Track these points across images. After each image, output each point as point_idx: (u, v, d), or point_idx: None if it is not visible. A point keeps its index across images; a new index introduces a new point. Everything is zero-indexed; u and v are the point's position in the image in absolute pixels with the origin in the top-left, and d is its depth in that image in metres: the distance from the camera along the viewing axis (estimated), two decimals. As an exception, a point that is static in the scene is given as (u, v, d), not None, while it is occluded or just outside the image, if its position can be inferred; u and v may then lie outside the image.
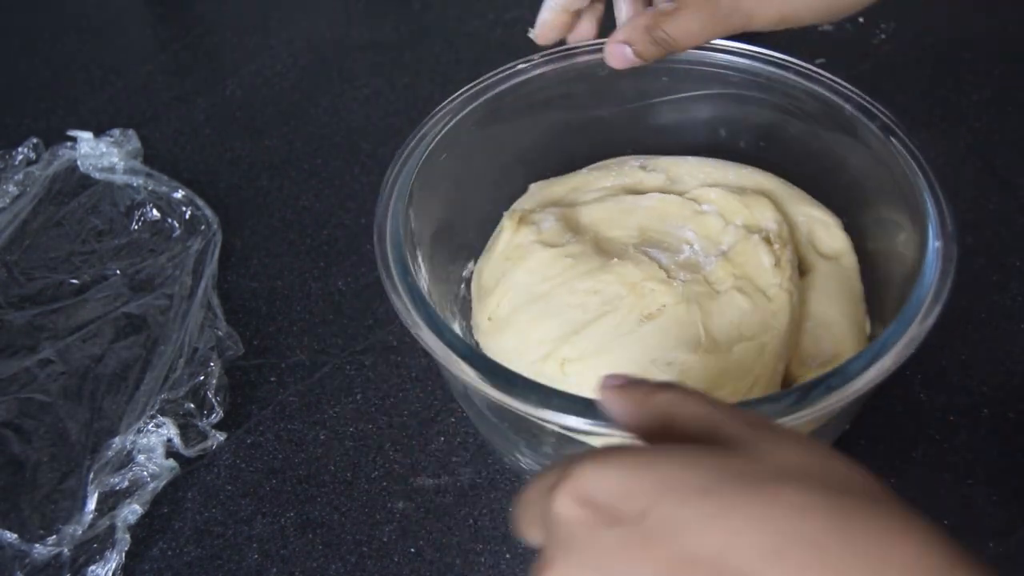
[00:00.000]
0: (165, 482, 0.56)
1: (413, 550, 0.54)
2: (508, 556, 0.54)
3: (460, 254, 0.60)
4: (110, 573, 0.53)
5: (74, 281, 0.68)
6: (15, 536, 0.54)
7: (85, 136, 0.76)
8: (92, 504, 0.54)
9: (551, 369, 0.51)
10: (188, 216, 0.71)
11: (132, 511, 0.55)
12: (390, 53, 0.87)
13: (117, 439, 0.57)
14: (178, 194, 0.72)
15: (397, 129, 0.79)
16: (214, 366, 0.61)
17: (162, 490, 0.56)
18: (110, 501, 0.55)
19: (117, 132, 0.77)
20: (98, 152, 0.75)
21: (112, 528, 0.54)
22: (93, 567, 0.52)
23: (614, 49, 0.51)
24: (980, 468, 0.56)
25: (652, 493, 0.26)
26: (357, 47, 0.88)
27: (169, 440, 0.57)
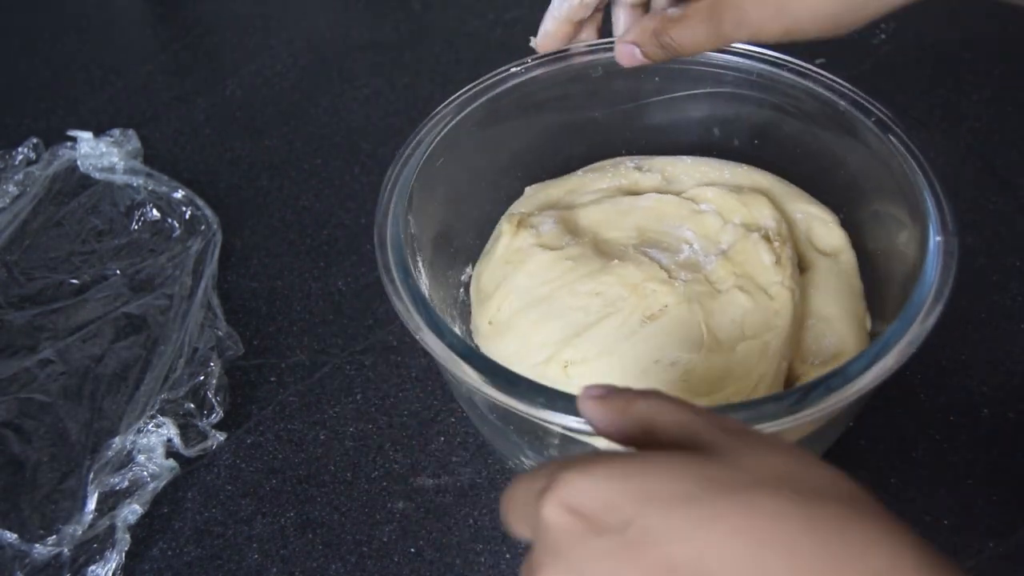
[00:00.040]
0: (165, 482, 0.56)
1: (413, 550, 0.54)
2: (508, 556, 0.54)
3: (458, 258, 0.60)
4: (110, 573, 0.53)
5: (74, 281, 0.68)
6: (15, 536, 0.54)
7: (85, 136, 0.76)
8: (92, 504, 0.54)
9: (554, 372, 0.51)
10: (188, 216, 0.71)
11: (132, 511, 0.55)
12: (390, 53, 0.87)
13: (117, 439, 0.57)
14: (178, 194, 0.72)
15: (397, 129, 0.79)
16: (214, 366, 0.61)
17: (162, 490, 0.56)
18: (110, 501, 0.55)
19: (117, 132, 0.77)
20: (98, 152, 0.75)
21: (112, 528, 0.54)
22: (93, 567, 0.52)
23: (623, 48, 0.52)
24: (980, 468, 0.56)
25: (635, 503, 0.28)
26: (357, 47, 0.88)
27: (169, 440, 0.57)
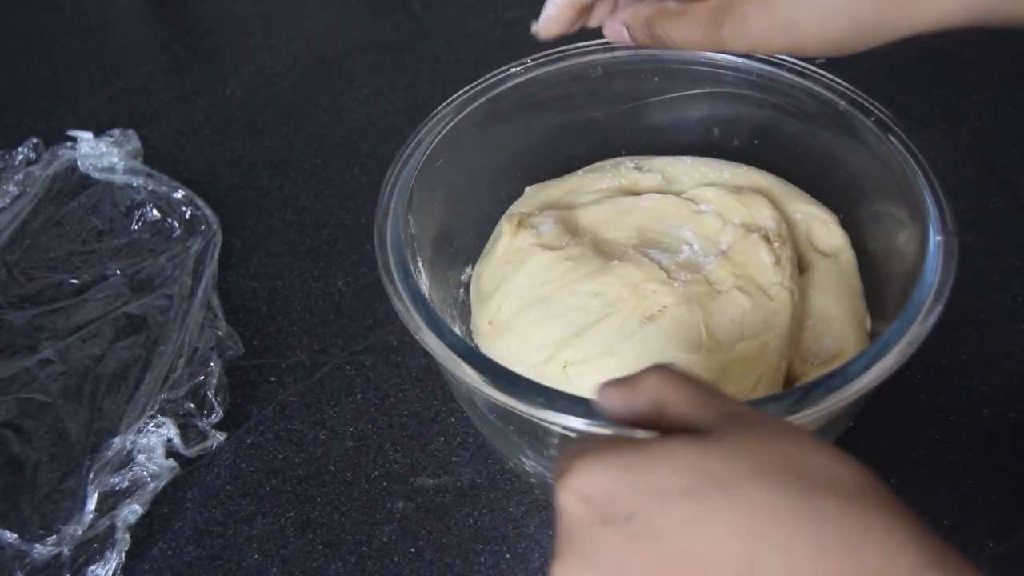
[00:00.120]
0: (165, 482, 0.56)
1: (413, 550, 0.54)
2: (508, 556, 0.54)
3: (458, 258, 0.60)
4: (110, 573, 0.53)
5: (74, 281, 0.68)
6: (15, 536, 0.54)
7: (85, 136, 0.76)
8: (92, 504, 0.54)
9: (553, 372, 0.51)
10: (188, 216, 0.71)
11: (132, 511, 0.55)
12: (390, 53, 0.87)
13: (117, 439, 0.57)
14: (178, 194, 0.72)
15: (397, 129, 0.79)
16: (214, 366, 0.61)
17: (162, 490, 0.56)
18: (110, 501, 0.55)
19: (117, 132, 0.77)
20: (98, 152, 0.75)
21: (112, 528, 0.54)
22: (93, 567, 0.52)
23: (612, 25, 0.50)
24: (980, 468, 0.56)
25: (637, 496, 0.28)
26: (357, 47, 0.88)
27: (169, 440, 0.57)
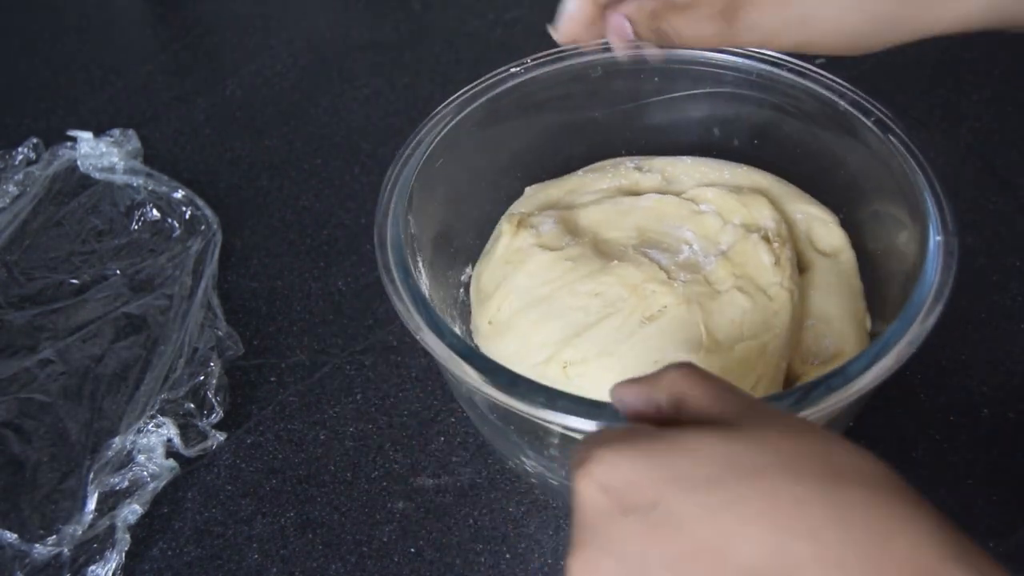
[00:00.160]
0: (165, 482, 0.56)
1: (413, 550, 0.54)
2: (508, 556, 0.54)
3: (458, 258, 0.60)
4: (110, 573, 0.53)
5: (74, 281, 0.68)
6: (15, 536, 0.54)
7: (85, 136, 0.76)
8: (92, 504, 0.54)
9: (553, 372, 0.51)
10: (188, 216, 0.71)
11: (132, 511, 0.55)
12: (390, 53, 0.87)
13: (117, 439, 0.57)
14: (178, 194, 0.72)
15: (397, 129, 0.79)
16: (214, 366, 0.61)
17: (162, 490, 0.56)
18: (110, 501, 0.55)
19: (117, 132, 0.77)
20: (98, 152, 0.75)
21: (112, 528, 0.54)
22: (93, 567, 0.52)
23: (614, 19, 0.46)
24: (980, 468, 0.56)
25: (660, 484, 0.28)
26: (357, 47, 0.88)
27: (169, 440, 0.57)
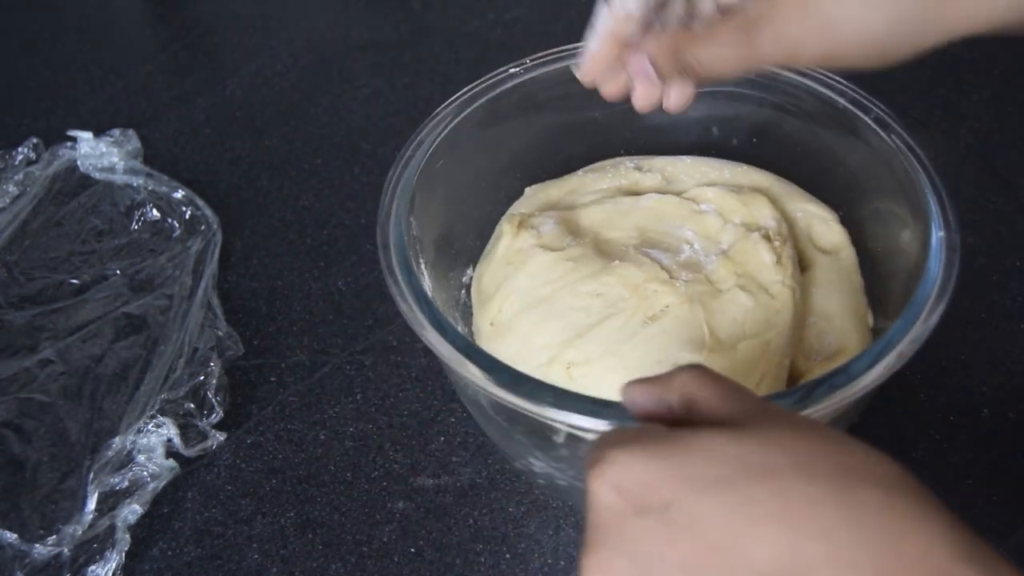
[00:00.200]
0: (165, 482, 0.56)
1: (413, 550, 0.54)
2: (508, 556, 0.54)
3: (459, 259, 0.60)
4: (110, 573, 0.53)
5: (74, 281, 0.68)
6: (15, 536, 0.54)
7: (85, 136, 0.76)
8: (92, 504, 0.54)
9: (556, 373, 0.51)
10: (188, 216, 0.71)
11: (132, 511, 0.55)
12: (390, 53, 0.87)
13: (117, 439, 0.57)
14: (178, 194, 0.72)
15: (397, 129, 0.79)
16: (214, 366, 0.61)
17: (162, 490, 0.56)
18: (110, 501, 0.55)
19: (117, 132, 0.77)
20: (98, 152, 0.75)
21: (112, 528, 0.54)
22: (93, 567, 0.52)
23: (635, 62, 0.44)
24: (980, 468, 0.56)
25: (673, 485, 0.28)
26: (357, 47, 0.88)
27: (169, 440, 0.57)
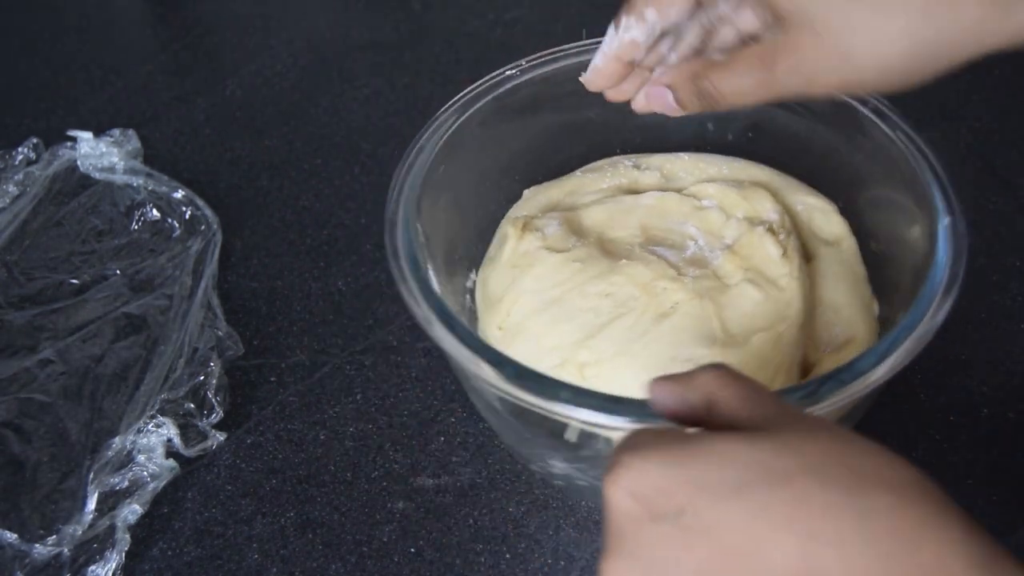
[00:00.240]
0: (165, 482, 0.56)
1: (413, 550, 0.54)
2: (508, 556, 0.54)
3: (462, 265, 0.59)
4: (110, 573, 0.53)
5: (74, 281, 0.68)
6: (15, 536, 0.54)
7: (85, 136, 0.76)
8: (92, 504, 0.54)
9: (569, 375, 0.51)
10: (188, 216, 0.71)
11: (132, 511, 0.55)
12: (390, 53, 0.87)
13: (117, 439, 0.57)
14: (178, 194, 0.72)
15: (397, 129, 0.79)
16: (214, 366, 0.61)
17: (162, 490, 0.56)
18: (110, 501, 0.55)
19: (117, 132, 0.77)
20: (98, 152, 0.75)
21: (112, 528, 0.54)
22: (93, 567, 0.52)
23: (654, 91, 0.46)
24: (980, 468, 0.56)
25: (687, 491, 0.28)
26: (357, 47, 0.88)
27: (169, 440, 0.57)
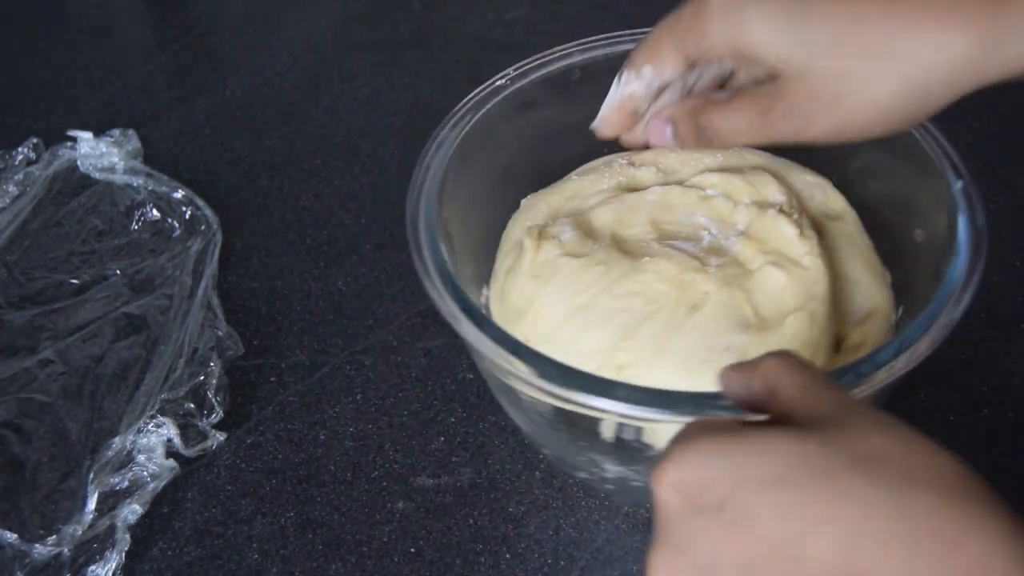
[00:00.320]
0: (165, 482, 0.56)
1: (413, 550, 0.54)
2: (508, 556, 0.54)
3: (472, 281, 0.59)
4: (110, 573, 0.53)
5: (74, 281, 0.68)
6: (15, 536, 0.54)
7: (85, 136, 0.76)
8: (92, 504, 0.54)
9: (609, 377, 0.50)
10: (188, 216, 0.71)
11: (132, 511, 0.55)
12: (390, 53, 0.87)
13: (117, 439, 0.57)
14: (178, 194, 0.72)
15: (397, 129, 0.79)
16: (214, 366, 0.61)
17: (162, 490, 0.56)
18: (110, 501, 0.55)
19: (117, 132, 0.77)
20: (98, 152, 0.75)
21: (112, 528, 0.54)
22: (93, 567, 0.52)
23: (656, 125, 0.48)
24: (980, 468, 0.55)
25: (730, 483, 0.28)
26: (357, 47, 0.88)
27: (169, 440, 0.57)
